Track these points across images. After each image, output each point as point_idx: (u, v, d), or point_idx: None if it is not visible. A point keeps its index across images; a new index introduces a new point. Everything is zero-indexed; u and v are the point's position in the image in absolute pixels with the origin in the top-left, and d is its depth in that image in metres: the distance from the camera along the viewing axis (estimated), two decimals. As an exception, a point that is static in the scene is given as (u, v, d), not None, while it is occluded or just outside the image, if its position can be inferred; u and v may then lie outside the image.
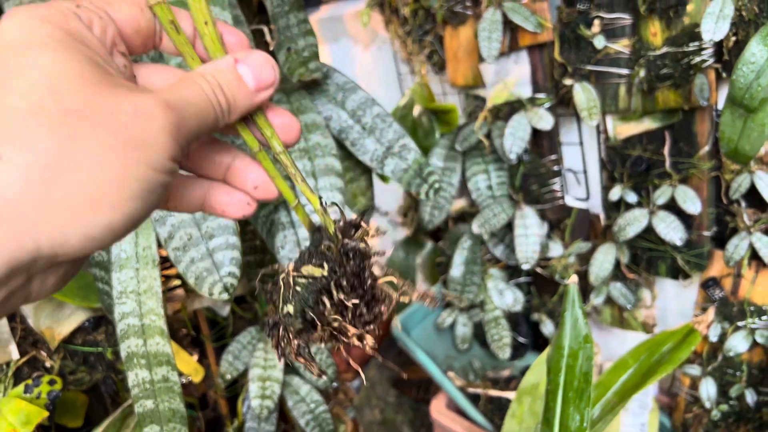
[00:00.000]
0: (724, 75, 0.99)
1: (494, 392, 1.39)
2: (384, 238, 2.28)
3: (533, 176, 1.29)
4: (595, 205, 1.34)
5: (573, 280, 0.74)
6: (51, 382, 0.82)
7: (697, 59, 0.98)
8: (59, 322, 0.89)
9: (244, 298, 1.03)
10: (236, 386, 1.07)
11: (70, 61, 0.26)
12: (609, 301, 1.30)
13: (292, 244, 0.87)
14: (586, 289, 1.35)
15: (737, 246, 1.03)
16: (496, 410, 1.36)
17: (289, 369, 1.00)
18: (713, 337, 1.10)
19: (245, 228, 0.81)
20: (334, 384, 1.04)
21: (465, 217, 1.51)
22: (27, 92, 0.25)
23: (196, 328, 1.02)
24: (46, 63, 0.26)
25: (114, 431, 0.89)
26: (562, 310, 0.74)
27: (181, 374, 0.91)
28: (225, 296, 0.70)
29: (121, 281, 0.72)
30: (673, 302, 1.27)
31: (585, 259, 1.32)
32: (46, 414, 0.77)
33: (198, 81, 0.31)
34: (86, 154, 0.25)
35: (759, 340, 1.05)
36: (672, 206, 1.11)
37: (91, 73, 0.27)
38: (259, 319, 1.01)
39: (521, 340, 1.48)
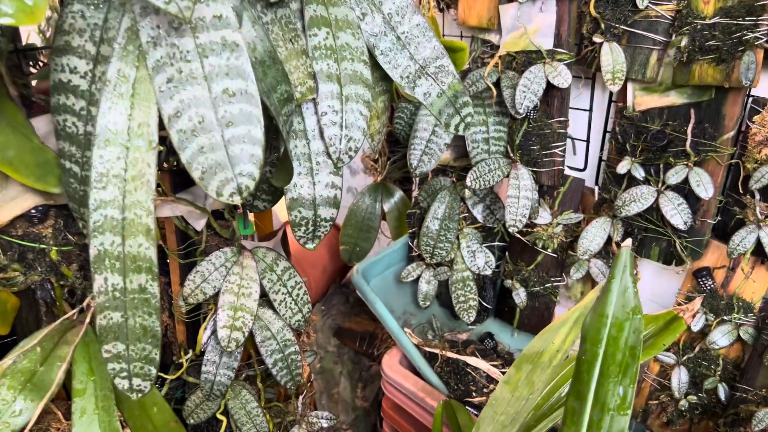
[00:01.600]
0: (774, 56, 0.93)
1: (452, 354, 1.32)
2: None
3: (536, 136, 1.21)
4: (590, 177, 1.28)
5: (627, 243, 0.67)
6: (-17, 276, 0.66)
7: (750, 35, 0.92)
8: (-2, 205, 0.72)
9: (221, 214, 0.88)
10: (197, 312, 0.93)
11: None
12: (585, 277, 1.26)
13: (303, 158, 0.74)
14: (563, 263, 1.30)
15: (744, 238, 1.00)
16: (452, 373, 1.30)
17: (263, 301, 0.88)
18: (695, 327, 1.07)
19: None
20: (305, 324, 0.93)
21: (446, 170, 1.42)
22: None
23: (161, 239, 0.87)
24: None
25: (51, 346, 0.74)
26: (610, 276, 0.67)
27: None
28: (236, 199, 0.57)
29: (105, 161, 0.57)
30: (648, 288, 1.24)
31: (571, 231, 1.27)
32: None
33: None
34: None
35: (743, 336, 1.03)
36: (679, 188, 1.07)
37: None
38: (237, 240, 0.87)
39: (484, 305, 1.42)
